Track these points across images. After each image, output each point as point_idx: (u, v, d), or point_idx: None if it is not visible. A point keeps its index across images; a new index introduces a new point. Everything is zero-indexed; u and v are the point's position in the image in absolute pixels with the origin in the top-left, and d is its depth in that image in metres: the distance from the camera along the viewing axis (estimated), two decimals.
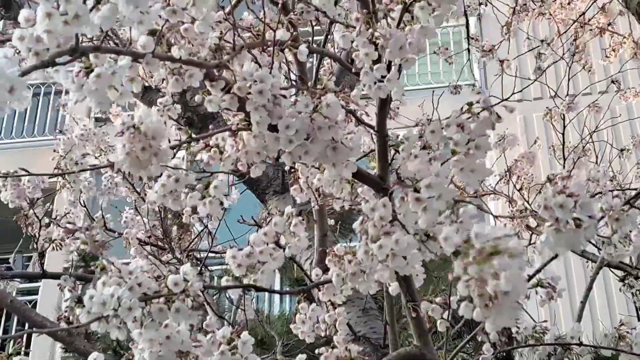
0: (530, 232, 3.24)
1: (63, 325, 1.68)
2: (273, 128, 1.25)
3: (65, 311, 1.25)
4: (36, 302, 6.78)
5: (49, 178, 2.27)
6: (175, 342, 1.23)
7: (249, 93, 1.21)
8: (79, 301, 1.15)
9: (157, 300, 1.19)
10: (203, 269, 2.72)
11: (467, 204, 1.37)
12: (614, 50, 4.64)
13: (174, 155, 1.20)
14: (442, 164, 1.23)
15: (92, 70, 1.02)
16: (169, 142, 1.17)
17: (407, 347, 1.53)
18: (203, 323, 1.28)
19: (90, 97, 1.00)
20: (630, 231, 1.67)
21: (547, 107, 4.60)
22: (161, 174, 1.28)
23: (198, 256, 3.02)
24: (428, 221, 1.20)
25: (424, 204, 1.20)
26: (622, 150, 4.92)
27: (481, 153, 1.22)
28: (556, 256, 1.93)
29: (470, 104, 1.19)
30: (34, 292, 7.00)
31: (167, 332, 1.22)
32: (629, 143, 5.30)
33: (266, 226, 1.43)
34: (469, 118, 1.18)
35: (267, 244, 1.41)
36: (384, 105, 1.41)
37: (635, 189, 2.00)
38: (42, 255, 2.83)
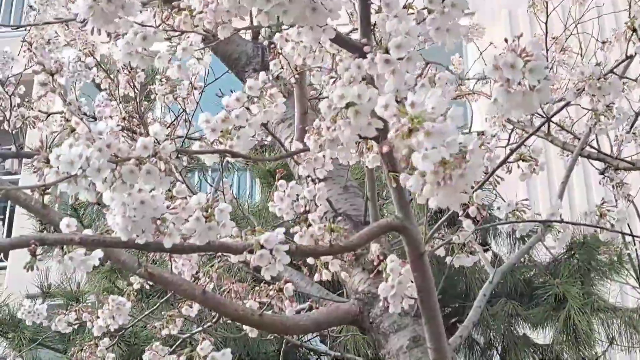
0: (511, 129, 3.21)
1: (39, 197, 1.64)
2: None
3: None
4: None
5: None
6: (149, 207, 1.20)
7: None
8: (48, 162, 1.10)
9: (128, 162, 1.14)
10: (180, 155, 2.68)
11: (439, 65, 1.33)
12: None
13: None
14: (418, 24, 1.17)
15: None
16: None
17: (387, 218, 1.51)
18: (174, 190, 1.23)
19: None
20: (613, 103, 1.64)
21: None
22: None
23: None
24: (396, 84, 1.15)
25: (393, 66, 1.15)
26: (603, 42, 4.81)
27: (457, 11, 1.17)
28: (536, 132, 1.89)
29: None
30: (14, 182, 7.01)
31: (141, 196, 1.19)
32: (612, 36, 5.18)
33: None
34: None
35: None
36: None
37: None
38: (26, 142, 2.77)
